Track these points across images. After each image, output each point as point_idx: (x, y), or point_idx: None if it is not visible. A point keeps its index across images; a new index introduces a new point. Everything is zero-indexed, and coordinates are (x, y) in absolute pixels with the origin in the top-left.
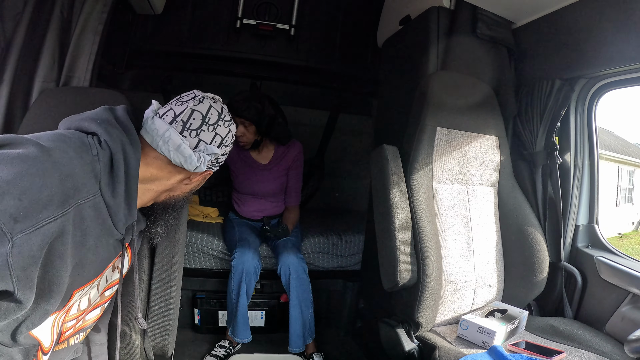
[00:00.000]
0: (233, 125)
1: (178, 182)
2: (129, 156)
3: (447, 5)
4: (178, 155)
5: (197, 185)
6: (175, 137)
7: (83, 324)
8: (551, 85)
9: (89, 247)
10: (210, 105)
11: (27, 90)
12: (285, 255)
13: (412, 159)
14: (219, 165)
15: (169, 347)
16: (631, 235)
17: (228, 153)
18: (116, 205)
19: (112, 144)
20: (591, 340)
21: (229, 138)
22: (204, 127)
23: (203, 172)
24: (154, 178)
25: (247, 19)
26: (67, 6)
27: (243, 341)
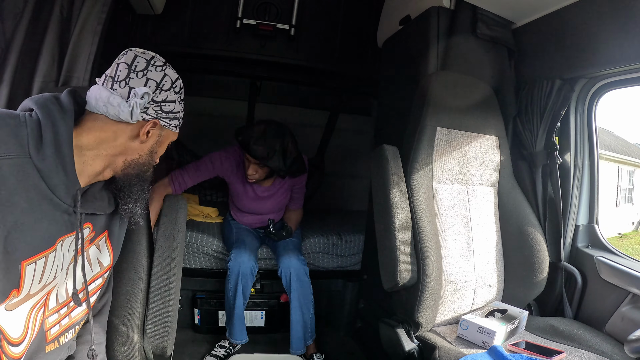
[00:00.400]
0: (170, 70)
1: (127, 140)
2: (57, 121)
3: (447, 5)
4: (109, 107)
5: (154, 144)
6: (103, 91)
7: (70, 321)
8: (551, 85)
9: (22, 209)
10: (135, 55)
11: (27, 90)
12: (286, 257)
13: (412, 159)
14: (173, 119)
15: (168, 347)
16: (631, 235)
17: (177, 102)
18: (47, 168)
19: (40, 112)
20: (591, 340)
21: (167, 83)
22: (132, 74)
23: (149, 122)
24: (99, 141)
25: (247, 19)
26: (67, 6)
27: (239, 342)
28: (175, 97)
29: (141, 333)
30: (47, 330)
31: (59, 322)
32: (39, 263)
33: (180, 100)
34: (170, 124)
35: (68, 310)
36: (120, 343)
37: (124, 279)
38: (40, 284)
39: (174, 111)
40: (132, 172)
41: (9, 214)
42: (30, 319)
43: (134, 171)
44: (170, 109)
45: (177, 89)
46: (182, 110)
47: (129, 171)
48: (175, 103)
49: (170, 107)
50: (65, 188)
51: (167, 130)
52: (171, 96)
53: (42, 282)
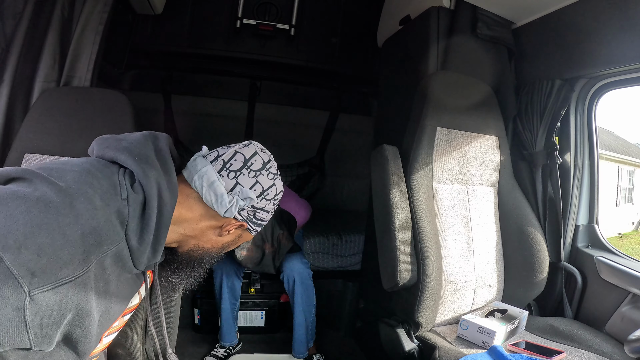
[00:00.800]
0: (279, 181)
1: (208, 229)
2: (164, 202)
3: (447, 5)
4: (210, 193)
5: (230, 242)
6: (211, 173)
7: (100, 347)
8: (551, 85)
9: (112, 292)
10: (255, 152)
11: (28, 90)
12: (289, 260)
13: (412, 159)
14: (258, 225)
15: (169, 347)
16: (631, 235)
17: (270, 213)
18: (141, 251)
19: (147, 187)
20: (591, 340)
21: (272, 193)
22: (244, 170)
23: (237, 222)
24: (183, 219)
25: (247, 19)
26: (68, 6)
27: (229, 345)
28: (271, 208)
29: (143, 334)
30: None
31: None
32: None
33: (273, 211)
34: (254, 229)
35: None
36: (121, 344)
37: None
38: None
39: (264, 220)
40: (195, 255)
41: (104, 301)
42: None
43: (198, 256)
44: (262, 217)
45: (277, 202)
46: (272, 217)
47: (193, 254)
48: (269, 214)
49: (262, 216)
50: (147, 263)
51: (247, 232)
52: (269, 206)
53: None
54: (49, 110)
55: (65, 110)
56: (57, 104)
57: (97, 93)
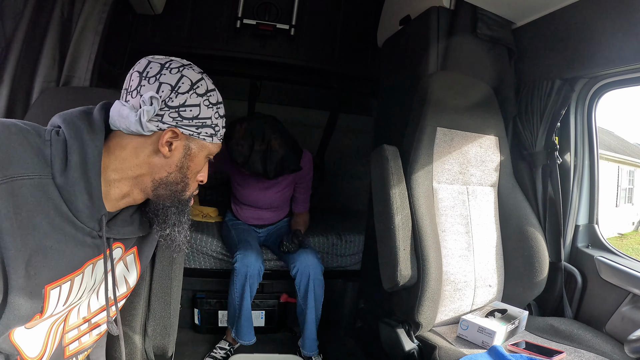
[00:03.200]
0: (189, 69)
1: (150, 157)
2: (85, 142)
3: (447, 5)
4: (121, 121)
5: (181, 158)
6: (117, 105)
7: (90, 339)
8: (551, 85)
9: (44, 232)
10: (149, 61)
11: (28, 90)
12: (304, 256)
13: (412, 159)
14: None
15: (169, 347)
16: (631, 235)
17: (201, 107)
18: (70, 192)
19: (67, 130)
20: (591, 340)
21: (185, 84)
22: (143, 81)
23: (166, 132)
24: (121, 160)
25: (247, 19)
26: (68, 6)
27: (247, 343)
28: (198, 100)
29: (142, 334)
30: (65, 346)
31: (78, 339)
32: (64, 287)
33: (209, 104)
34: (199, 132)
35: (89, 327)
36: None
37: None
38: (65, 305)
39: (200, 117)
40: (164, 192)
41: (30, 236)
42: (50, 335)
43: (166, 191)
44: (194, 115)
45: (202, 91)
46: (215, 117)
47: (161, 192)
48: (199, 107)
49: (193, 113)
50: (88, 213)
51: (197, 140)
52: (192, 99)
53: (67, 303)
54: (48, 110)
55: (65, 110)
56: (57, 104)
57: (96, 93)
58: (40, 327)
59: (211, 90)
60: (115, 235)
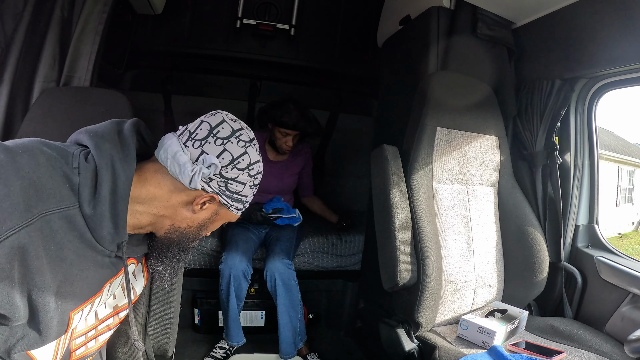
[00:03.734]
0: (252, 149)
1: (179, 206)
2: (117, 172)
3: (447, 5)
4: (174, 164)
5: (207, 219)
6: (175, 144)
7: (96, 344)
8: (551, 85)
9: (71, 261)
10: (223, 119)
11: (28, 90)
12: (271, 260)
13: (412, 159)
14: (235, 200)
15: (169, 348)
16: (631, 235)
17: (247, 186)
18: (97, 221)
19: (98, 158)
20: (591, 340)
21: (244, 162)
22: (210, 138)
23: (207, 195)
24: (152, 197)
25: (247, 19)
26: (68, 6)
27: (236, 344)
28: (247, 179)
29: (143, 334)
30: (72, 351)
31: (85, 344)
32: (86, 309)
33: (252, 185)
34: (232, 205)
35: (95, 334)
36: (121, 344)
37: None
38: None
39: (241, 194)
40: (174, 238)
41: (59, 268)
42: (60, 343)
43: (177, 238)
44: (237, 190)
45: (253, 172)
46: (251, 196)
47: (171, 236)
48: (245, 186)
49: (237, 188)
50: (111, 239)
51: (226, 209)
52: (243, 177)
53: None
54: (48, 110)
55: (65, 110)
56: (57, 104)
57: (96, 93)
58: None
59: (259, 173)
60: (130, 255)
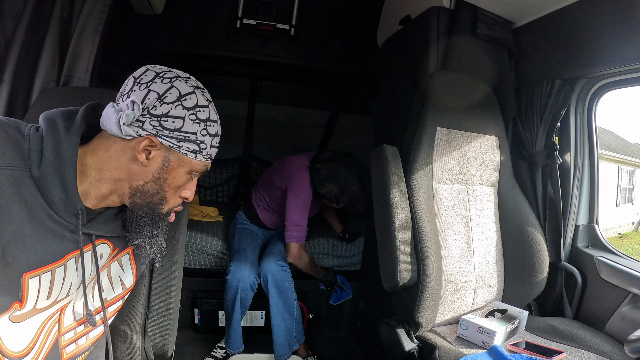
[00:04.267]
0: (180, 83)
1: (129, 162)
2: (61, 137)
3: (447, 5)
4: (107, 122)
5: (159, 168)
6: (109, 107)
7: (87, 342)
8: (551, 85)
9: (22, 221)
10: (146, 68)
11: (28, 90)
12: (265, 261)
13: (412, 159)
14: (177, 139)
15: (169, 347)
16: (631, 235)
17: (186, 120)
18: (45, 184)
19: (45, 127)
20: (591, 340)
21: (172, 95)
22: (135, 87)
23: (144, 138)
24: (103, 160)
25: (247, 19)
26: (67, 6)
27: (235, 352)
28: (182, 112)
29: (142, 333)
30: (62, 348)
31: (75, 341)
32: (45, 277)
33: (195, 119)
34: (180, 146)
35: (85, 330)
36: (121, 343)
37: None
38: (50, 300)
39: (183, 130)
40: (139, 201)
41: (8, 224)
42: (42, 334)
43: (142, 201)
44: (176, 127)
45: (189, 104)
46: (202, 133)
47: (137, 200)
48: (184, 120)
49: (175, 125)
50: (64, 206)
51: (178, 154)
52: (177, 111)
53: (51, 297)
54: (48, 110)
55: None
56: (57, 104)
57: (96, 93)
58: (30, 323)
59: (202, 105)
60: (97, 232)
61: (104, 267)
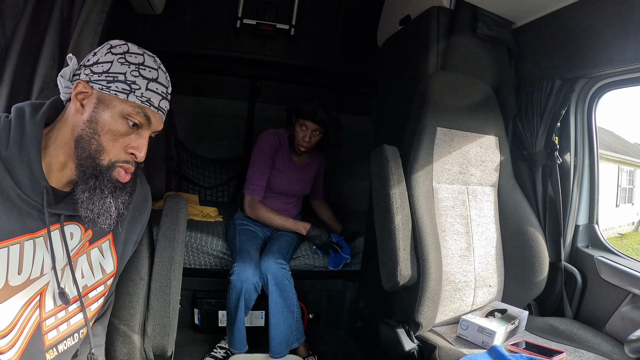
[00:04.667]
0: (118, 41)
1: (72, 117)
2: (26, 120)
3: (447, 5)
4: (61, 91)
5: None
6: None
7: (68, 328)
8: (551, 85)
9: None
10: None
11: (27, 90)
12: (265, 259)
13: (412, 159)
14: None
15: (168, 347)
16: (631, 235)
17: (115, 63)
18: (10, 162)
19: (13, 113)
20: (591, 340)
21: (105, 47)
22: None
23: (75, 87)
24: (58, 129)
25: (247, 19)
26: (67, 6)
27: (238, 352)
28: (111, 57)
29: (142, 333)
30: (44, 334)
31: (56, 327)
32: (13, 249)
33: (124, 61)
34: (109, 86)
35: (66, 315)
36: (120, 343)
37: (125, 279)
38: (22, 276)
39: (111, 71)
40: (81, 154)
41: None
42: (22, 317)
43: (84, 153)
44: (104, 69)
45: (118, 51)
46: (133, 74)
47: (79, 153)
48: (112, 63)
49: (103, 68)
50: (30, 185)
51: (109, 95)
52: (106, 57)
53: (22, 273)
54: None
55: None
56: None
57: None
58: (9, 305)
59: (133, 52)
60: (65, 212)
61: (83, 251)
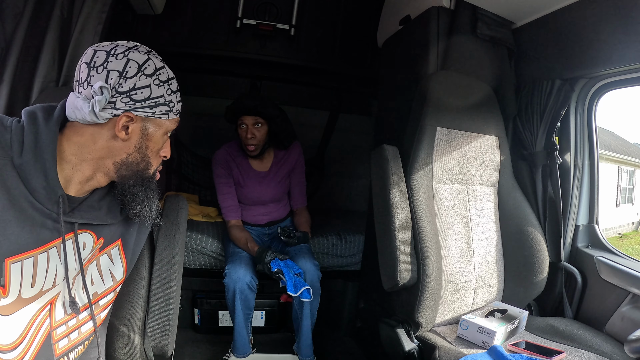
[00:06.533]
0: (135, 52)
1: (108, 142)
2: (40, 127)
3: (447, 5)
4: (78, 113)
5: (140, 139)
6: (72, 97)
7: (79, 336)
8: (551, 85)
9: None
10: (95, 51)
11: (27, 90)
12: (302, 261)
13: (412, 159)
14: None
15: (168, 347)
16: (631, 235)
17: (152, 87)
18: (26, 171)
19: (25, 119)
20: (591, 340)
21: (133, 68)
22: (92, 72)
23: (120, 117)
24: (80, 145)
25: (247, 19)
26: (67, 6)
27: (241, 357)
28: (147, 81)
29: (142, 333)
30: (54, 343)
31: (67, 335)
32: (27, 263)
33: (159, 83)
34: (154, 112)
35: (77, 324)
36: (120, 343)
37: (125, 279)
38: (35, 289)
39: (152, 97)
40: (126, 173)
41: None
42: (32, 327)
43: (129, 172)
44: (146, 96)
45: (149, 72)
46: (168, 94)
47: (123, 172)
48: (150, 88)
49: (144, 94)
50: (45, 193)
51: (153, 120)
52: (141, 81)
53: (35, 285)
54: None
55: None
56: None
57: None
58: (20, 316)
59: (160, 68)
60: (80, 220)
61: (93, 259)
